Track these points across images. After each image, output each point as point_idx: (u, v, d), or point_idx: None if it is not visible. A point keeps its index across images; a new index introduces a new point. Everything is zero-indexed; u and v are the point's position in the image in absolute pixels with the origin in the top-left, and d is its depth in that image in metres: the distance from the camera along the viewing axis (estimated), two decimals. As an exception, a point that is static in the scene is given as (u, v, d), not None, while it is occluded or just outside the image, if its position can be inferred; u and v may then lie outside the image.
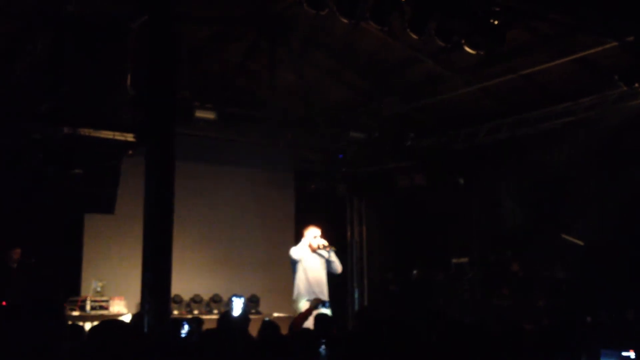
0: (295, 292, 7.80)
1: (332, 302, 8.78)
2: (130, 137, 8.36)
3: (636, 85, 7.74)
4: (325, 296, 7.83)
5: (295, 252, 7.86)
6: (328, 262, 7.99)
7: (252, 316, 9.40)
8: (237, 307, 9.33)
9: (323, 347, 4.41)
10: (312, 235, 7.94)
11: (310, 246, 7.88)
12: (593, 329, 5.90)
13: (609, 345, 5.16)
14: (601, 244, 9.73)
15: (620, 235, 9.59)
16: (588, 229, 9.89)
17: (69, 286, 9.63)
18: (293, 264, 7.86)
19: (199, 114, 9.66)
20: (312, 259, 7.89)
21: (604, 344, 5.21)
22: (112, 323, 3.49)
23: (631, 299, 8.89)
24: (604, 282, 9.37)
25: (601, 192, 9.80)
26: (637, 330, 5.66)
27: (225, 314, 6.54)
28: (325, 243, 7.92)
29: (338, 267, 8.09)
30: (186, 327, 5.22)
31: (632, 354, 5.00)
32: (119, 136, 8.31)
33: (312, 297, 7.65)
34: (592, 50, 8.31)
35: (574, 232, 10.09)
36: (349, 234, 12.67)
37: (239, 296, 9.66)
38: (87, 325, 8.66)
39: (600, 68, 8.79)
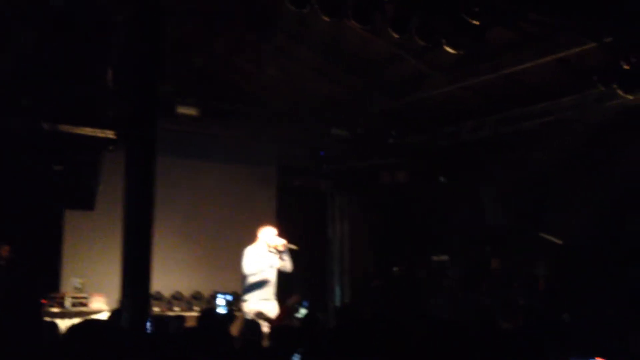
0: (247, 291, 7.89)
1: (314, 299, 8.87)
2: (111, 134, 8.32)
3: (614, 86, 7.82)
4: (272, 296, 7.97)
5: (252, 259, 7.90)
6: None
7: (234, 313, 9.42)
8: (221, 304, 9.37)
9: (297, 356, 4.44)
10: (270, 235, 8.06)
11: (269, 246, 7.99)
12: (565, 334, 5.94)
13: (578, 352, 5.19)
14: (580, 243, 9.86)
15: (600, 234, 9.72)
16: (567, 227, 10.01)
17: (49, 283, 9.56)
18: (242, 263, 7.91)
19: (181, 109, 9.63)
20: (267, 259, 8.00)
21: (574, 350, 5.25)
22: (91, 322, 3.49)
23: (609, 299, 9.00)
24: (582, 281, 9.49)
25: (581, 192, 9.92)
26: (612, 333, 5.71)
27: (208, 311, 6.54)
28: (285, 242, 8.03)
29: (289, 266, 8.19)
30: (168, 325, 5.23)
31: None
32: (99, 133, 8.26)
33: (262, 297, 7.81)
34: (572, 51, 8.38)
35: (553, 231, 10.20)
36: (330, 230, 12.70)
37: (224, 293, 9.69)
38: (67, 322, 8.63)
39: (579, 68, 8.88)
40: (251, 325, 5.82)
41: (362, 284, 12.36)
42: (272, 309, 7.92)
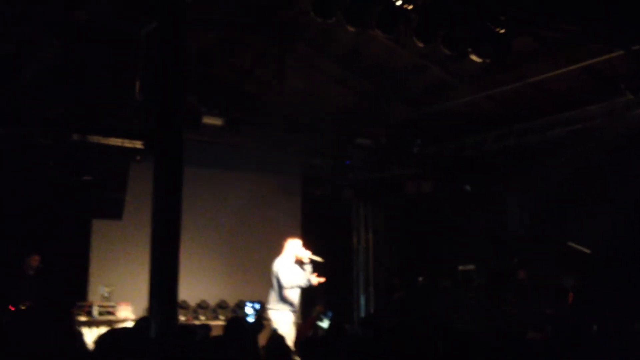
0: (280, 301, 7.97)
1: (339, 308, 8.86)
2: (138, 144, 8.41)
3: (642, 94, 7.75)
4: (296, 307, 8.10)
5: (291, 273, 7.99)
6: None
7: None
8: (249, 312, 9.37)
9: None
10: (297, 247, 8.16)
11: (297, 258, 8.09)
12: (595, 343, 5.85)
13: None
14: (608, 252, 9.72)
15: (627, 243, 9.58)
16: (595, 237, 9.88)
17: (77, 291, 9.67)
18: (277, 277, 7.98)
19: (207, 120, 9.71)
20: (295, 270, 8.11)
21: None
22: (119, 331, 3.52)
23: (638, 309, 8.86)
24: (610, 291, 9.35)
25: (608, 200, 9.79)
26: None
27: (235, 320, 6.54)
28: (310, 255, 8.12)
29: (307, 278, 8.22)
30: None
31: None
32: (127, 143, 8.36)
33: (293, 308, 7.92)
34: (598, 59, 8.33)
35: (581, 240, 10.08)
36: (355, 240, 12.69)
37: (253, 302, 9.69)
38: (94, 331, 8.72)
39: (606, 76, 8.80)
40: (277, 336, 5.82)
41: (386, 294, 12.31)
42: (296, 319, 8.00)
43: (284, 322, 7.86)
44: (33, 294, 8.50)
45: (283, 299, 7.95)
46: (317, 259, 8.17)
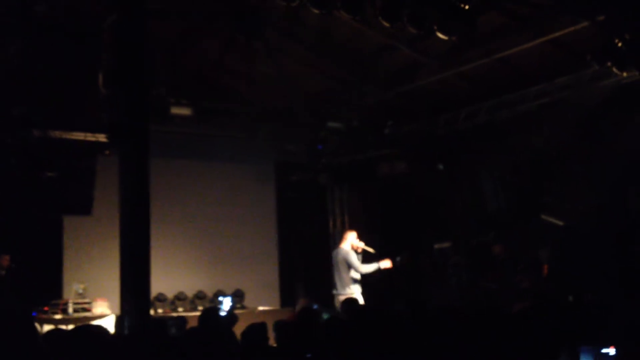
0: (349, 284, 9.04)
1: (317, 292, 9.05)
2: (102, 138, 8.28)
3: (608, 64, 7.77)
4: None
5: (357, 260, 9.12)
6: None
7: (237, 311, 9.40)
8: (226, 306, 9.51)
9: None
10: (354, 237, 9.30)
11: (353, 247, 9.20)
12: (572, 323, 5.88)
13: (588, 341, 5.13)
14: (582, 224, 9.81)
15: (601, 213, 9.67)
16: (568, 209, 9.97)
17: (51, 289, 9.54)
18: (348, 262, 9.07)
19: (175, 110, 9.60)
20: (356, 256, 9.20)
21: (583, 340, 5.19)
22: (88, 328, 3.46)
23: (612, 281, 8.96)
24: (585, 263, 9.45)
25: (580, 172, 9.87)
26: (618, 322, 5.64)
27: (209, 311, 6.50)
28: (363, 245, 9.22)
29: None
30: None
31: (612, 351, 4.89)
32: (90, 137, 8.22)
33: (359, 286, 9.07)
34: (564, 31, 8.32)
35: (554, 213, 10.16)
36: (331, 223, 12.67)
37: (226, 295, 9.82)
38: (71, 328, 8.61)
39: (573, 48, 8.82)
40: (255, 324, 5.78)
41: (365, 275, 12.31)
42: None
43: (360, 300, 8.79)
44: (5, 294, 8.37)
45: (354, 280, 9.05)
46: (369, 249, 9.23)
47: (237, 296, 10.63)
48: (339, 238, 12.49)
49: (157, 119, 8.77)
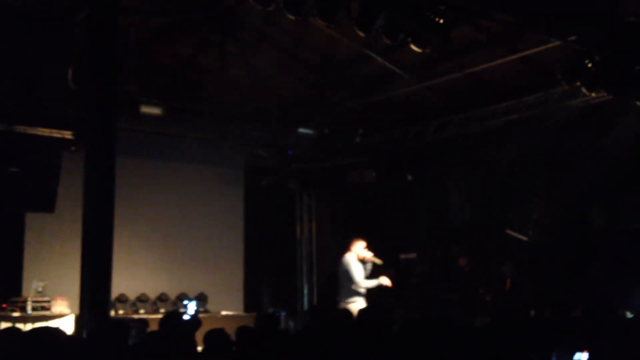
0: (351, 295, 8.69)
1: (282, 298, 8.94)
2: (68, 135, 8.13)
3: (577, 84, 7.90)
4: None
5: (360, 272, 8.76)
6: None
7: (200, 315, 9.30)
8: (191, 310, 9.39)
9: None
10: (361, 247, 8.91)
11: (359, 257, 8.84)
12: (542, 327, 5.95)
13: (559, 346, 5.17)
14: (545, 240, 9.95)
15: (564, 231, 9.82)
16: (532, 224, 10.10)
17: (10, 287, 9.32)
18: (348, 273, 8.72)
19: (145, 109, 9.48)
20: (360, 268, 8.85)
21: (555, 344, 5.23)
22: (45, 330, 3.37)
23: (573, 296, 9.10)
24: (547, 278, 9.58)
25: (545, 189, 10.02)
26: (586, 329, 5.70)
27: (171, 315, 6.40)
28: (372, 256, 8.89)
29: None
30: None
31: (584, 356, 4.92)
32: (56, 133, 8.05)
33: (364, 296, 8.69)
34: (536, 49, 8.46)
35: (519, 228, 10.28)
36: (298, 229, 12.64)
37: (191, 299, 9.69)
38: (29, 327, 8.41)
39: (543, 67, 8.96)
40: (216, 330, 5.72)
41: (329, 283, 12.30)
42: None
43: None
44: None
45: (356, 292, 8.69)
46: (377, 261, 8.91)
47: (200, 299, 10.50)
48: (307, 244, 12.52)
49: (126, 117, 8.63)
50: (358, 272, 8.73)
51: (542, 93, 9.34)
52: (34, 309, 8.89)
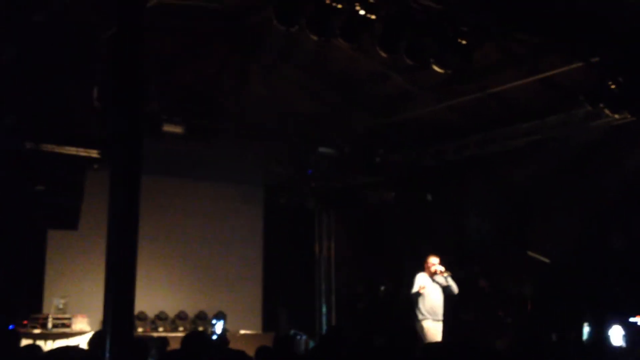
0: (418, 312, 8.85)
1: (300, 318, 8.90)
2: (94, 153, 8.20)
3: (601, 105, 7.86)
4: (439, 316, 8.93)
5: (416, 284, 8.86)
6: (444, 286, 9.04)
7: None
8: (218, 329, 9.39)
9: None
10: (432, 262, 9.01)
11: (430, 271, 8.96)
12: (564, 350, 5.88)
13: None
14: (565, 262, 9.84)
15: (585, 253, 9.71)
16: (553, 246, 10.00)
17: (31, 303, 9.38)
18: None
19: (167, 127, 9.55)
20: (431, 284, 8.94)
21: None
22: (66, 351, 3.37)
23: (595, 317, 8.98)
24: (569, 300, 9.46)
25: (566, 210, 9.92)
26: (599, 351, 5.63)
27: (195, 335, 6.38)
28: (443, 269, 8.94)
29: (454, 289, 9.12)
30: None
31: None
32: (82, 152, 8.13)
33: (434, 317, 8.80)
34: (558, 70, 8.43)
35: (540, 249, 10.19)
36: (317, 248, 12.62)
37: (220, 318, 9.67)
38: (49, 344, 8.46)
39: (566, 88, 8.92)
40: (238, 354, 5.68)
41: (348, 304, 12.25)
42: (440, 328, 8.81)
43: (427, 329, 8.70)
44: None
45: (424, 311, 8.82)
46: (445, 273, 8.97)
47: (219, 318, 10.49)
48: (325, 263, 12.49)
49: (148, 135, 8.69)
50: (416, 285, 8.83)
51: (564, 114, 9.29)
52: (54, 325, 8.94)
